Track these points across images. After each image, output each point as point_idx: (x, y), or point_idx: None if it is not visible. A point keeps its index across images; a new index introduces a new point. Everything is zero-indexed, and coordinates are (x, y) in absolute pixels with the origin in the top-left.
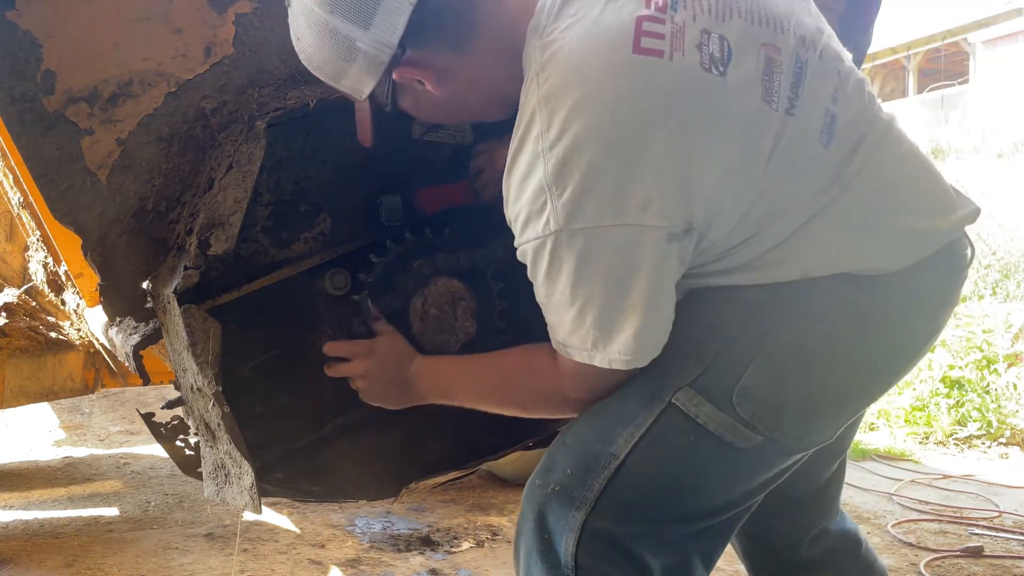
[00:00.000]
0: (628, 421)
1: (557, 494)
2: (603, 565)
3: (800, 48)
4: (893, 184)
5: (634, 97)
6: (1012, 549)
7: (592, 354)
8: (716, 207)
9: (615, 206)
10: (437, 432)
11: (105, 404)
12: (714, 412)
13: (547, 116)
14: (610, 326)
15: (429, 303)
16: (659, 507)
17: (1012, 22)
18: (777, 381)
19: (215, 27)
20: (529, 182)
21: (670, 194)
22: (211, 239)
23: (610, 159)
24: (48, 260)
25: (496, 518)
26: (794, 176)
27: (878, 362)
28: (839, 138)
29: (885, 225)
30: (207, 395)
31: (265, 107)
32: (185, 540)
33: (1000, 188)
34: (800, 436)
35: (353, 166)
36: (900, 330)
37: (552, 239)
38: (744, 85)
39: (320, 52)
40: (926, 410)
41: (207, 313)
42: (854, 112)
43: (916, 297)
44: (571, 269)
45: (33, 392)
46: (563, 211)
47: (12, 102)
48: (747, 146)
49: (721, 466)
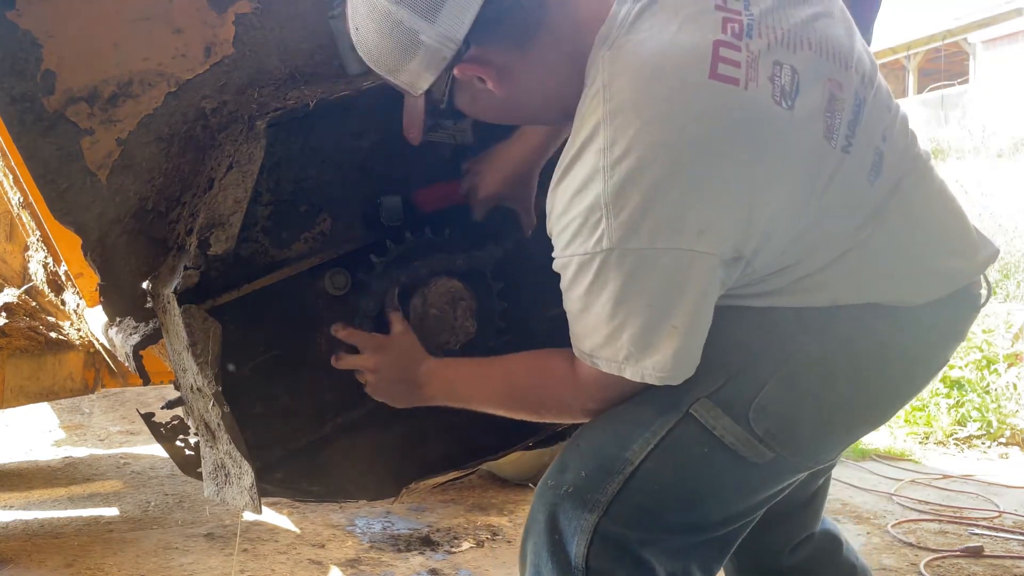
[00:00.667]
0: (644, 427)
1: (570, 496)
2: (613, 568)
3: (860, 86)
4: (924, 222)
5: (706, 121)
6: (1012, 549)
7: (623, 366)
8: (767, 238)
9: (672, 230)
10: (437, 432)
11: (105, 404)
12: (731, 425)
13: (612, 131)
14: (647, 344)
15: (429, 303)
16: (670, 515)
17: (1012, 22)
18: (794, 401)
19: (215, 27)
20: (584, 196)
21: (728, 223)
22: (211, 239)
23: (675, 182)
24: (48, 260)
25: (496, 518)
26: (841, 212)
27: (892, 390)
28: (884, 176)
29: (915, 262)
30: (207, 395)
31: (265, 107)
32: (185, 540)
33: (1000, 188)
34: (810, 455)
35: (353, 166)
36: (917, 361)
37: (602, 256)
38: (809, 120)
39: (380, 44)
40: (926, 410)
41: (207, 313)
42: (900, 150)
43: (933, 331)
44: (616, 288)
45: (33, 392)
46: (619, 230)
47: (12, 102)
48: (805, 181)
49: (733, 478)
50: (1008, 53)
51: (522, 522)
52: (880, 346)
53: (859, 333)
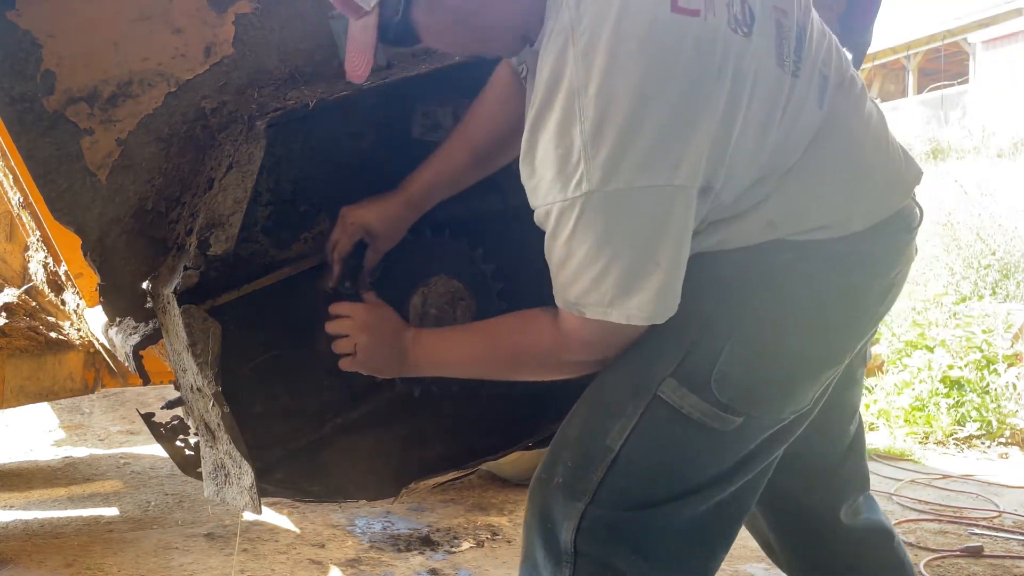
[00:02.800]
0: (619, 414)
1: (560, 487)
2: (601, 548)
3: (800, 13)
4: (859, 145)
5: (674, 55)
6: (1012, 549)
7: (608, 310)
8: (733, 167)
9: (650, 167)
10: (437, 432)
11: (105, 404)
12: (698, 402)
13: (584, 72)
14: (632, 285)
15: (429, 303)
16: (655, 492)
17: (1012, 22)
18: (751, 361)
19: (215, 27)
20: (559, 140)
21: (701, 154)
22: (211, 239)
23: (649, 118)
24: (48, 260)
25: (496, 518)
26: (793, 137)
27: (844, 328)
28: (829, 100)
29: (850, 184)
30: (207, 395)
31: (265, 107)
32: (185, 540)
33: (1000, 188)
34: (779, 409)
35: (353, 166)
36: (861, 293)
37: (582, 200)
38: (765, 48)
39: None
40: (926, 410)
41: (207, 313)
42: (839, 75)
43: (871, 261)
44: (599, 231)
45: (33, 392)
46: (597, 172)
47: (12, 102)
48: (767, 108)
49: (709, 448)
50: (1008, 53)
51: (522, 522)
52: (821, 288)
53: (798, 280)
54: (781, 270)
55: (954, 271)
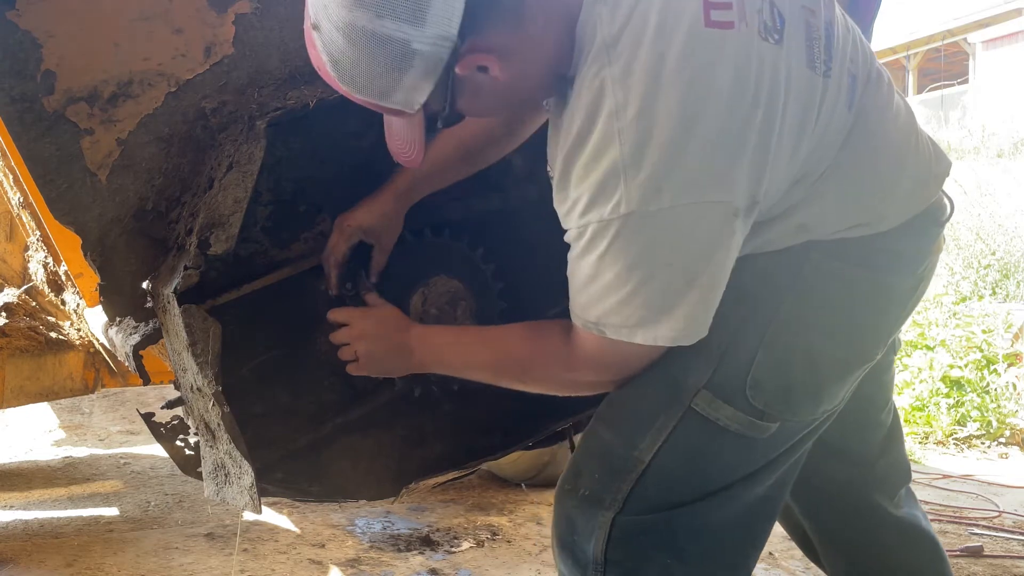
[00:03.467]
0: (649, 424)
1: (586, 498)
2: (632, 556)
3: (825, 8)
4: (887, 142)
5: (711, 70)
6: (1012, 549)
7: (633, 331)
8: (772, 178)
9: (694, 185)
10: (437, 432)
11: (105, 404)
12: (733, 413)
13: (623, 93)
14: (663, 306)
15: (429, 303)
16: (685, 496)
17: (1012, 22)
18: (784, 366)
19: (215, 27)
20: (598, 163)
21: (744, 168)
22: (211, 239)
23: (692, 136)
24: (48, 260)
25: (496, 518)
26: (827, 142)
27: (869, 323)
28: (858, 100)
29: (881, 183)
30: (207, 395)
31: (265, 107)
32: (185, 540)
33: (1000, 188)
34: (813, 410)
35: (353, 166)
36: (885, 289)
37: (619, 222)
38: (796, 52)
39: (369, 69)
40: (926, 410)
41: (207, 313)
42: (866, 72)
43: (899, 256)
44: (634, 252)
45: (33, 392)
46: (638, 192)
47: (12, 102)
48: (802, 114)
49: (744, 455)
50: (1008, 53)
51: (522, 522)
52: (852, 287)
53: (828, 280)
54: (811, 270)
55: (954, 271)
